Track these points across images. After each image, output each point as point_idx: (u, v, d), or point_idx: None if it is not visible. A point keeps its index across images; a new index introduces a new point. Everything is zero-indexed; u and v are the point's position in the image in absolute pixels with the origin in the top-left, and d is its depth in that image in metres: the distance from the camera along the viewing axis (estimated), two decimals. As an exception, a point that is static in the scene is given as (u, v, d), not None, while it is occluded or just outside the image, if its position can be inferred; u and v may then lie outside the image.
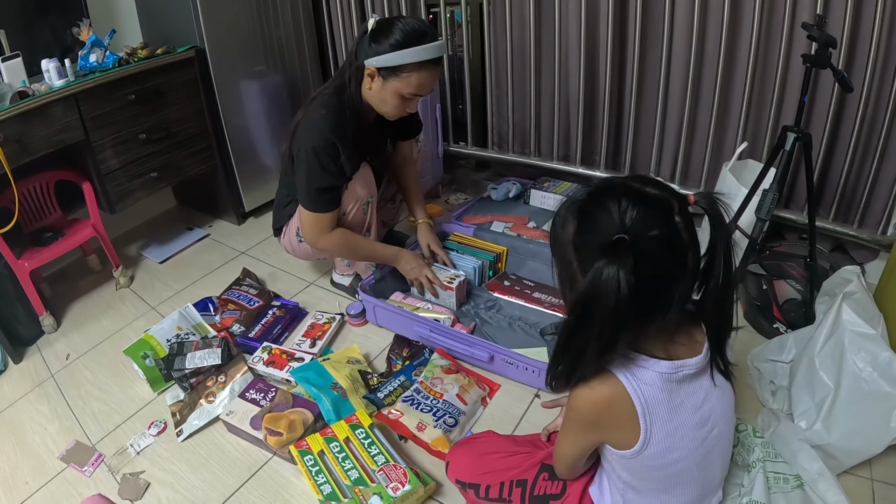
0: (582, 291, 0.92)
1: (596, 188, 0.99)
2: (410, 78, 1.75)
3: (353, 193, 1.97)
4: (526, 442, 1.43)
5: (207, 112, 2.62)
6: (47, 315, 2.32)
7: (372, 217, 2.08)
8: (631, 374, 1.00)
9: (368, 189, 2.00)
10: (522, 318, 2.05)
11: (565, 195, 2.44)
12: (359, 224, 2.06)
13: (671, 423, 1.03)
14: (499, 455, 1.37)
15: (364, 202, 2.00)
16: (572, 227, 0.98)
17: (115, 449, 1.78)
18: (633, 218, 0.91)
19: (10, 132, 1.99)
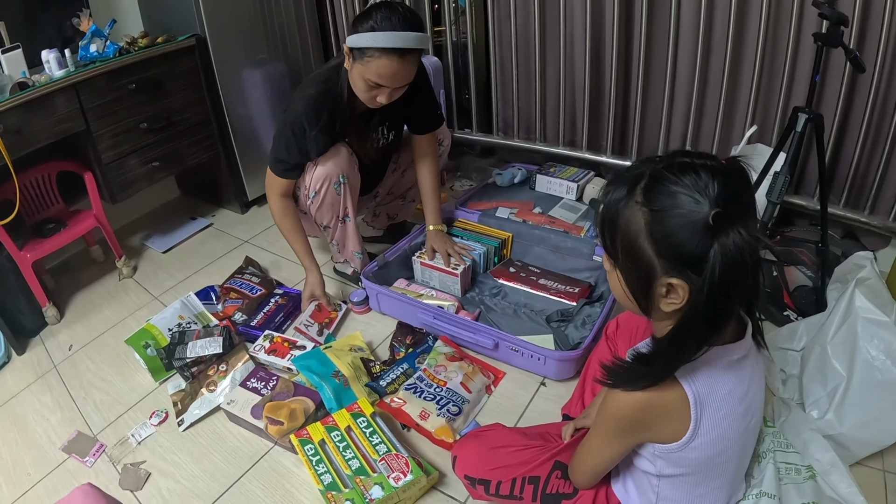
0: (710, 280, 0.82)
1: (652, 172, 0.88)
2: (371, 63, 1.68)
3: (321, 171, 1.92)
4: (536, 435, 1.37)
5: (209, 100, 2.59)
6: (50, 306, 2.29)
7: (347, 200, 2.01)
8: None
9: (338, 167, 1.93)
10: (528, 305, 2.01)
11: (571, 180, 2.43)
12: (332, 205, 2.00)
13: (719, 413, 0.97)
14: (510, 449, 1.31)
15: (334, 182, 1.94)
16: (643, 217, 0.87)
17: (117, 439, 1.76)
18: (718, 190, 0.82)
19: (11, 123, 1.96)
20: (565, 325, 1.90)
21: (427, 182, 2.15)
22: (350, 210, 2.03)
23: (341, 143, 1.94)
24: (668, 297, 0.89)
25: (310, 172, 1.93)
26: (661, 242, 0.86)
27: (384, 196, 2.34)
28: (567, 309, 1.95)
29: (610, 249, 0.95)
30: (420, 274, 2.14)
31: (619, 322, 1.46)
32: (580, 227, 2.22)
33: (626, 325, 1.43)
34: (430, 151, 2.13)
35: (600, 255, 2.07)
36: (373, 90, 1.74)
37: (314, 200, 1.97)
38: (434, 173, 2.16)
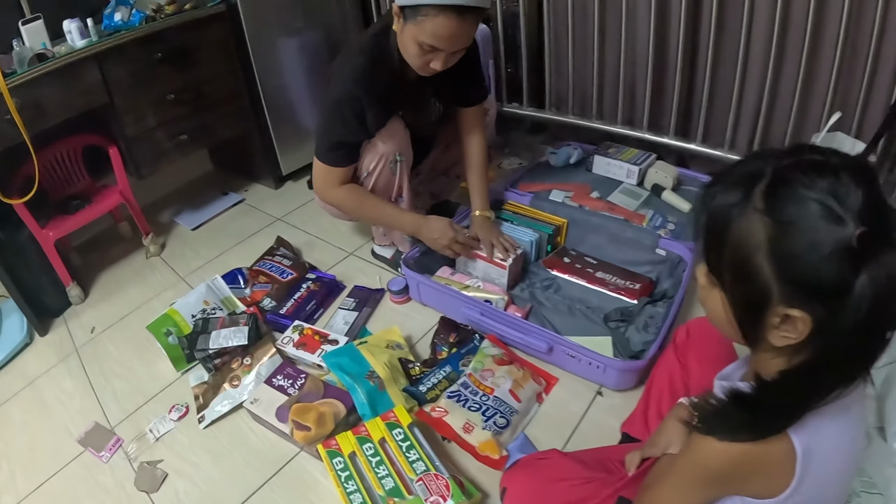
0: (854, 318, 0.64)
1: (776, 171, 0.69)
2: (425, 23, 1.45)
3: (377, 149, 1.73)
4: (596, 463, 1.18)
5: (241, 71, 2.41)
6: (74, 285, 2.19)
7: (403, 179, 1.82)
8: None
9: (396, 145, 1.74)
10: (583, 301, 1.79)
11: (633, 163, 2.20)
12: (386, 186, 1.81)
13: (827, 467, 0.76)
14: (569, 483, 1.11)
15: (391, 160, 1.75)
16: (763, 229, 0.68)
17: (135, 433, 1.65)
18: (862, 201, 0.64)
19: (29, 97, 1.84)
20: (625, 326, 1.69)
21: (475, 161, 1.93)
22: (405, 190, 1.85)
23: (396, 118, 1.74)
24: (782, 330, 0.70)
25: (364, 150, 1.74)
26: (784, 264, 0.67)
27: (427, 173, 2.14)
28: (627, 308, 1.73)
29: (713, 265, 0.77)
30: (463, 263, 1.93)
31: (689, 330, 1.29)
32: (642, 216, 2.00)
33: (698, 334, 1.27)
34: (479, 125, 1.92)
35: (665, 247, 1.85)
36: (427, 54, 1.52)
37: (366, 181, 1.79)
38: (483, 152, 1.94)
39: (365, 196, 1.79)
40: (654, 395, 1.32)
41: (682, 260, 1.82)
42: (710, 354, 1.21)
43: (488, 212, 1.93)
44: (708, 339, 1.23)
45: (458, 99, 1.88)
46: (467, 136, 1.92)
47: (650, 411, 1.32)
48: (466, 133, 1.92)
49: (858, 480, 1.17)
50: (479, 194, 1.93)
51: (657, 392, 1.32)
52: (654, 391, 1.33)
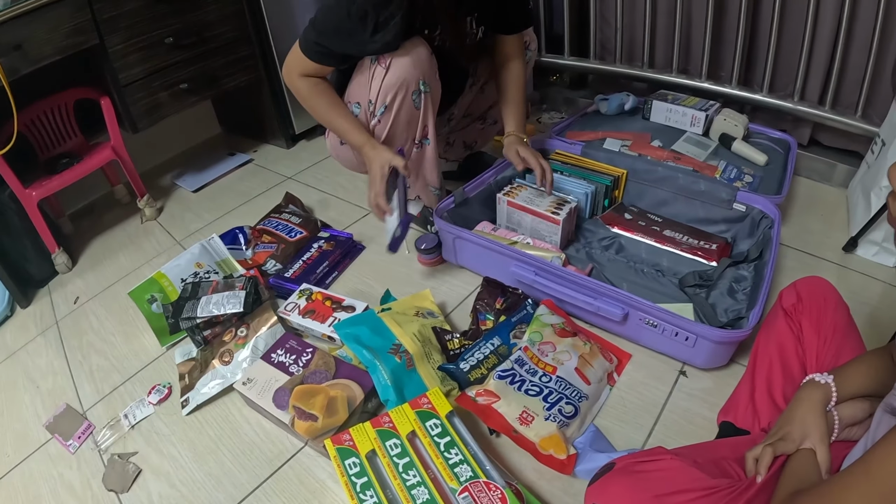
0: None
1: None
2: None
3: (397, 76, 1.29)
4: (711, 465, 0.79)
5: (248, 14, 2.00)
6: (60, 252, 1.82)
7: (428, 116, 1.40)
8: None
9: (419, 70, 1.30)
10: (652, 263, 1.38)
11: (698, 109, 1.76)
12: (409, 124, 1.39)
13: None
14: (688, 497, 0.71)
15: (413, 90, 1.32)
16: None
17: (108, 419, 1.32)
18: None
19: (8, 37, 1.54)
20: (705, 291, 1.27)
21: (513, 84, 1.52)
22: (430, 129, 1.42)
23: (419, 39, 1.31)
24: None
25: (376, 79, 1.32)
26: None
27: (459, 119, 1.70)
28: (706, 271, 1.31)
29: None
30: (505, 217, 1.50)
31: (800, 292, 0.98)
32: (713, 167, 1.57)
33: (811, 296, 0.97)
34: (518, 54, 1.51)
35: (744, 202, 1.42)
36: None
37: (383, 118, 1.36)
38: (521, 77, 1.53)
39: (320, 94, 1.40)
40: (761, 374, 0.98)
41: (764, 216, 1.39)
42: (827, 320, 0.93)
43: (521, 133, 1.50)
44: (824, 302, 0.95)
45: (499, 24, 1.46)
46: (506, 64, 1.51)
47: (758, 394, 0.96)
48: (505, 61, 1.51)
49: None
50: (515, 117, 1.52)
51: (765, 369, 0.97)
52: (760, 369, 0.99)
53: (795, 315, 0.96)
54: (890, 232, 1.39)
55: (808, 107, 1.75)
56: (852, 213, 1.54)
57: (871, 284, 1.36)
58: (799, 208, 1.64)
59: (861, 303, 1.26)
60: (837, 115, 1.70)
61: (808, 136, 1.83)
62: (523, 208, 1.42)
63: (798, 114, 1.77)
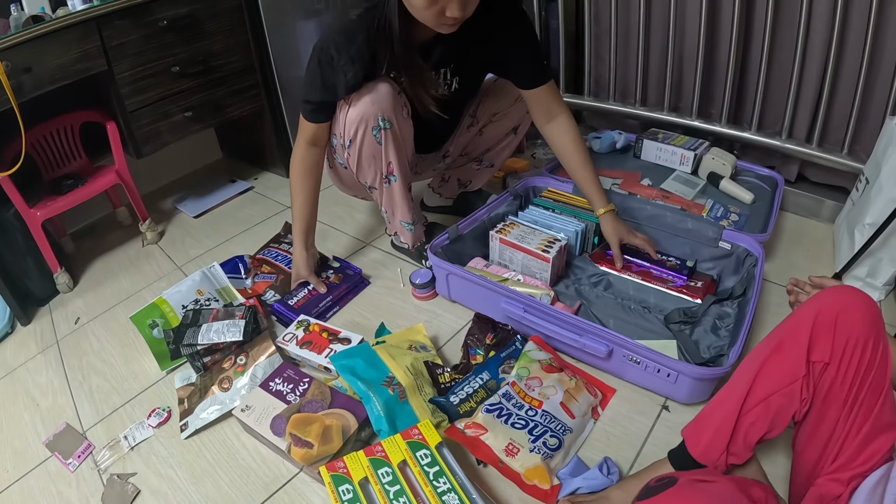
0: None
1: None
2: None
3: (356, 112, 1.39)
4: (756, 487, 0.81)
5: (253, 45, 2.09)
6: (62, 272, 1.88)
7: (390, 153, 1.47)
8: None
9: (377, 106, 1.39)
10: (638, 300, 1.45)
11: (687, 148, 1.84)
12: (373, 157, 1.47)
13: None
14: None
15: (372, 126, 1.40)
16: None
17: (108, 440, 1.36)
18: None
19: (19, 60, 1.60)
20: (689, 328, 1.35)
21: (576, 151, 1.54)
22: (395, 166, 1.49)
23: (382, 79, 1.40)
24: None
25: (342, 114, 1.42)
26: None
27: (456, 157, 1.79)
28: (691, 308, 1.38)
29: None
30: (497, 253, 1.58)
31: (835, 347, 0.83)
32: (701, 205, 1.65)
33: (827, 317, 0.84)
34: (559, 109, 1.54)
35: (730, 240, 1.50)
36: (436, 3, 1.19)
37: (350, 151, 1.46)
38: (577, 136, 1.54)
39: (302, 173, 1.56)
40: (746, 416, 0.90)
41: (749, 254, 1.47)
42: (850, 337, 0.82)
43: (611, 206, 1.55)
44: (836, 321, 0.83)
45: (520, 78, 1.53)
46: (550, 124, 1.55)
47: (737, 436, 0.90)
48: (547, 122, 1.55)
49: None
50: (594, 187, 1.54)
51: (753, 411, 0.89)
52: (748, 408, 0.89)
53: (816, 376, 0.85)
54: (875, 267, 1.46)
55: (795, 144, 1.83)
56: (838, 248, 1.61)
57: None
58: (786, 244, 1.71)
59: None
60: (824, 153, 1.78)
61: (795, 172, 1.91)
62: (515, 245, 1.50)
63: (786, 151, 1.85)
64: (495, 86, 1.65)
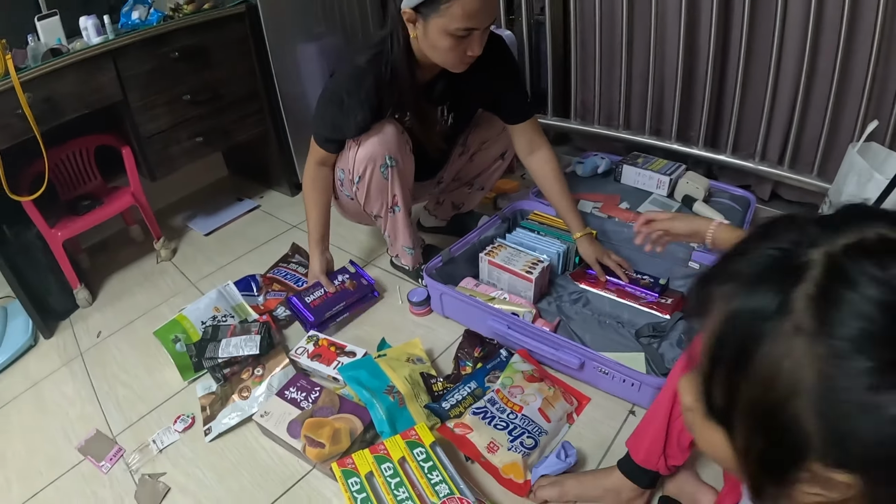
0: None
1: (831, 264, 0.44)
2: (452, 8, 1.34)
3: (365, 152, 1.60)
4: None
5: (259, 73, 2.31)
6: (82, 288, 2.08)
7: (395, 186, 1.68)
8: None
9: (384, 147, 1.60)
10: (613, 316, 1.67)
11: (663, 173, 2.07)
12: (380, 192, 1.68)
13: None
14: None
15: (380, 164, 1.62)
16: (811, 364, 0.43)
17: (137, 444, 1.53)
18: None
19: (41, 92, 1.77)
20: (658, 341, 1.56)
21: (552, 176, 1.76)
22: (399, 198, 1.71)
23: (388, 120, 1.61)
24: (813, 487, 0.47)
25: (351, 153, 1.63)
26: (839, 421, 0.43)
27: (449, 182, 2.01)
28: (660, 323, 1.60)
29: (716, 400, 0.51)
30: (486, 273, 1.80)
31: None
32: (673, 228, 1.87)
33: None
34: (541, 142, 1.77)
35: (698, 261, 1.72)
36: (462, 42, 1.40)
37: (360, 187, 1.67)
38: (556, 167, 1.77)
39: (316, 190, 1.78)
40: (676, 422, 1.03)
41: (716, 274, 1.69)
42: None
43: (589, 230, 1.79)
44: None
45: (507, 114, 1.76)
46: (531, 156, 1.79)
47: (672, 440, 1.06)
48: (529, 154, 1.79)
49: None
50: (572, 213, 1.76)
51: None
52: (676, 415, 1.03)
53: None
54: None
55: (768, 166, 2.02)
56: None
57: None
58: (757, 260, 1.92)
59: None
60: (795, 174, 1.97)
61: (769, 191, 2.10)
62: (502, 267, 1.72)
63: (759, 173, 2.05)
64: (483, 117, 1.86)
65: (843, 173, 1.66)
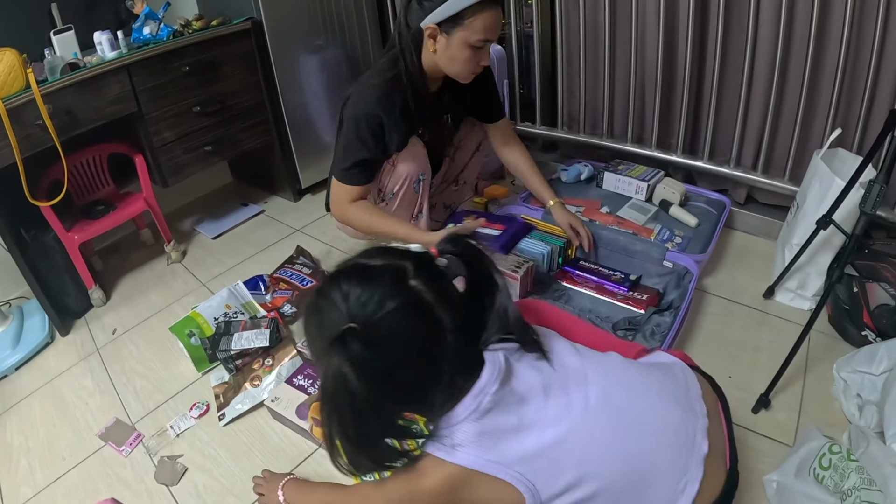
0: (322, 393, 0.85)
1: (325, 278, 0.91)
2: (475, 23, 1.55)
3: (402, 170, 1.78)
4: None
5: (264, 85, 2.47)
6: (96, 288, 2.23)
7: (424, 197, 1.88)
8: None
9: (419, 165, 1.80)
10: (593, 311, 1.82)
11: (641, 179, 2.23)
12: (409, 205, 1.87)
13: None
14: None
15: (414, 180, 1.81)
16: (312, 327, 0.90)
17: (155, 429, 1.68)
18: (359, 300, 0.83)
19: (61, 104, 1.90)
20: (633, 334, 1.72)
21: (524, 162, 2.05)
22: (425, 206, 1.91)
23: (416, 138, 1.80)
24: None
25: (388, 173, 1.80)
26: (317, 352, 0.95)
27: (438, 185, 2.18)
28: (635, 317, 1.76)
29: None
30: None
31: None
32: (650, 230, 2.03)
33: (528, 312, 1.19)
34: (513, 134, 2.08)
35: (672, 260, 1.88)
36: (477, 53, 1.62)
37: (391, 202, 1.84)
38: (526, 154, 2.07)
39: (375, 211, 1.80)
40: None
41: (688, 272, 1.85)
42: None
43: (560, 199, 2.04)
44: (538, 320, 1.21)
45: (485, 115, 1.99)
46: (505, 147, 2.07)
47: None
48: (504, 146, 2.07)
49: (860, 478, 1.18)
50: (543, 187, 2.05)
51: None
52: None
53: None
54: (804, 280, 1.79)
55: (742, 171, 2.16)
56: (774, 264, 1.94)
57: (786, 326, 1.76)
58: (731, 260, 2.06)
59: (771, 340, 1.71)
60: (768, 179, 2.11)
61: (744, 195, 2.23)
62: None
63: (734, 178, 2.19)
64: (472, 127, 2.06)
65: (808, 178, 1.80)
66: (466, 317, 0.91)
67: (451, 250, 0.94)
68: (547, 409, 0.91)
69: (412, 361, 0.87)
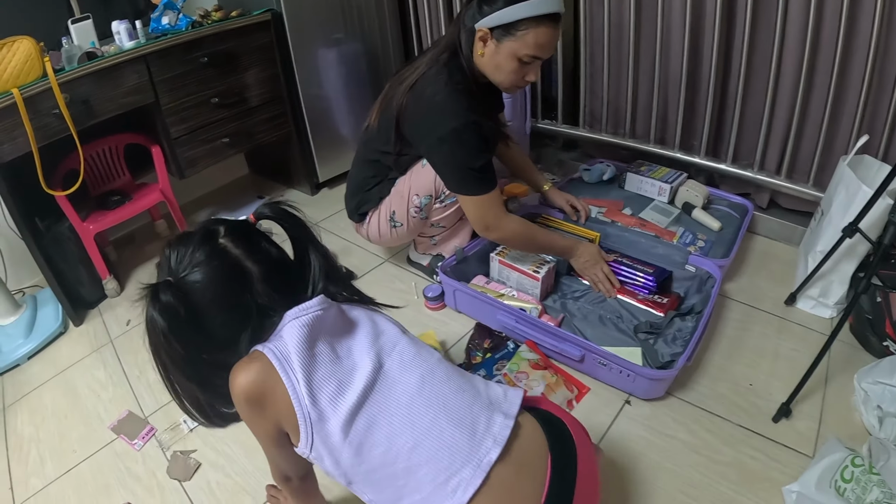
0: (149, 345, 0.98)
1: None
2: (527, 36, 1.51)
3: None
4: None
5: (283, 78, 2.47)
6: (111, 279, 2.23)
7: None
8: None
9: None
10: (614, 312, 1.81)
11: (664, 181, 2.21)
12: (457, 211, 1.87)
13: None
14: None
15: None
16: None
17: (168, 423, 1.67)
18: (178, 258, 0.97)
19: (78, 93, 1.91)
20: (654, 338, 1.70)
21: (516, 155, 2.13)
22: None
23: None
24: None
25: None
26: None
27: None
28: (656, 321, 1.74)
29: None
30: (496, 272, 1.95)
31: None
32: (672, 233, 2.01)
33: None
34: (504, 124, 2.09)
35: (694, 264, 1.86)
36: (525, 67, 1.59)
37: (449, 204, 1.84)
38: (520, 151, 2.15)
39: (531, 224, 1.80)
40: None
41: (710, 276, 1.83)
42: None
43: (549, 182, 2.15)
44: None
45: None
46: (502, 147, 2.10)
47: None
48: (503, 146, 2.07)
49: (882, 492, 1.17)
50: (535, 173, 2.15)
51: None
52: None
53: None
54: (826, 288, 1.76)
55: (766, 176, 2.13)
56: (796, 271, 1.92)
57: (807, 335, 1.74)
58: (752, 265, 2.04)
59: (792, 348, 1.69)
60: (792, 184, 2.08)
61: (767, 199, 2.21)
62: (511, 266, 1.87)
63: (757, 182, 2.16)
64: None
65: (834, 184, 1.78)
66: (280, 270, 1.03)
67: (268, 214, 1.06)
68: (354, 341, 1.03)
69: (217, 304, 0.98)
